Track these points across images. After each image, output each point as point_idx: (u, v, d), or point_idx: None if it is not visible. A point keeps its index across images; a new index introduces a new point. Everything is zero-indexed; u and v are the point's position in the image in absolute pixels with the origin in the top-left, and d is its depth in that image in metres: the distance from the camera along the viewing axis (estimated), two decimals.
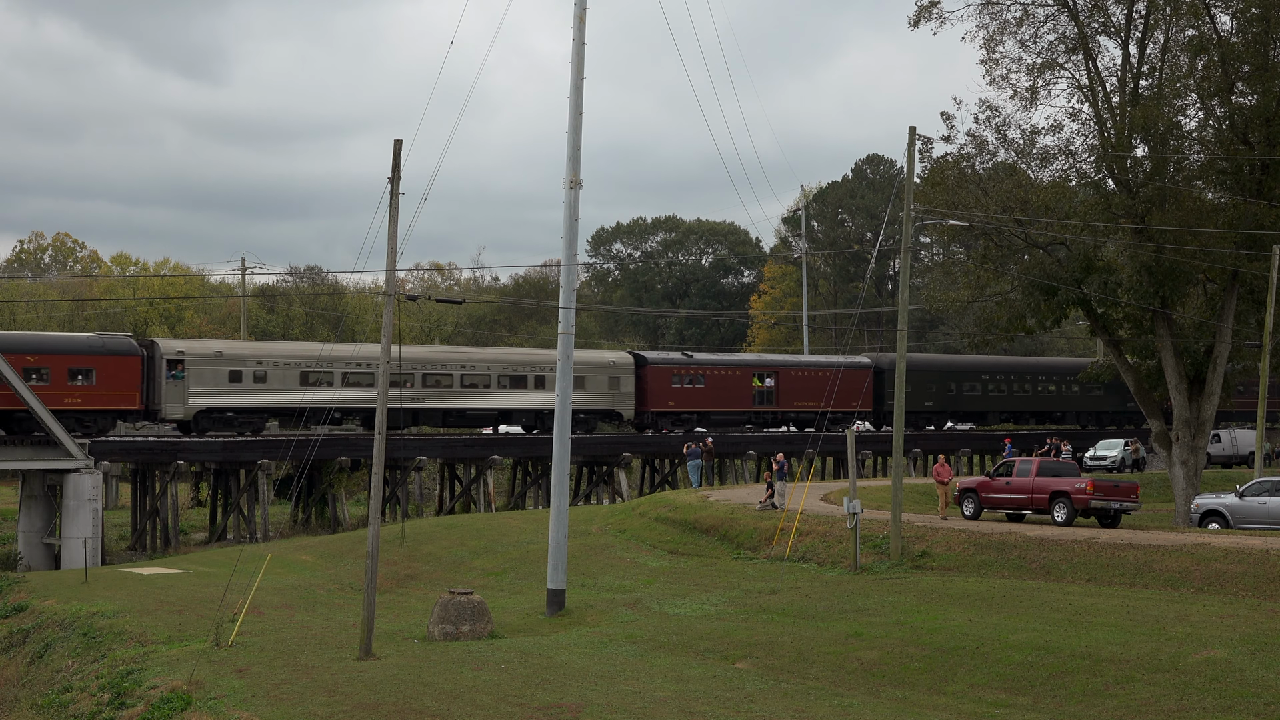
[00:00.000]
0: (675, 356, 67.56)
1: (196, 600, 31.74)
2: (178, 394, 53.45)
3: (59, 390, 50.15)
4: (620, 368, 63.40)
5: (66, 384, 50.50)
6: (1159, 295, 39.32)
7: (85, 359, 51.20)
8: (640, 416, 64.00)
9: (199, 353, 54.39)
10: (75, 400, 50.83)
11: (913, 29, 41.02)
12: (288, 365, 55.61)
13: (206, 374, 53.84)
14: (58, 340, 52.99)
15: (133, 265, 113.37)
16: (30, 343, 51.52)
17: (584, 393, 61.21)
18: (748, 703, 19.90)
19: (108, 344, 52.34)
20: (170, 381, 53.29)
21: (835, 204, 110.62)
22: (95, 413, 51.60)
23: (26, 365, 49.25)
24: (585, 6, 29.74)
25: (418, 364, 58.42)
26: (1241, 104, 38.47)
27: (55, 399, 49.68)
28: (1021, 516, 34.53)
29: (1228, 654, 20.05)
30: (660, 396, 63.82)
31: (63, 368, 50.62)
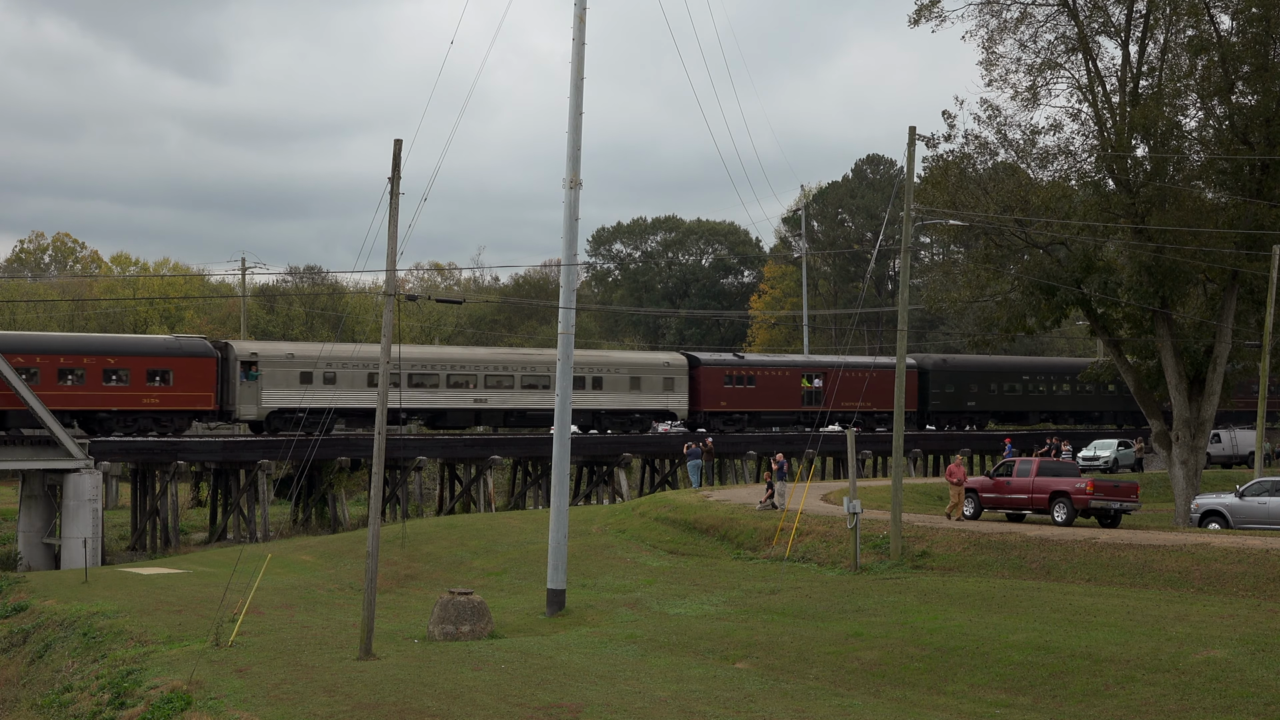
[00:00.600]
0: (727, 357, 68.87)
1: (196, 600, 31.75)
2: (251, 395, 54.99)
3: (138, 391, 51.92)
4: (674, 369, 64.97)
5: (145, 385, 52.12)
6: (1159, 295, 39.32)
7: (163, 361, 52.82)
8: (693, 416, 65.29)
9: (272, 355, 55.83)
10: (153, 401, 52.42)
11: (912, 27, 41.06)
12: (355, 367, 57.03)
13: (279, 375, 55.30)
14: (136, 342, 54.92)
15: (133, 265, 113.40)
16: (111, 345, 53.18)
17: (640, 393, 63.52)
18: (748, 703, 19.90)
19: (184, 346, 54.02)
20: (244, 383, 54.78)
21: (835, 204, 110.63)
22: (172, 413, 53.20)
23: (107, 367, 51.33)
24: (585, 6, 29.74)
25: (480, 366, 60.23)
26: (1241, 104, 38.47)
27: (134, 399, 51.66)
28: (1021, 516, 34.53)
29: (1228, 654, 20.04)
30: (713, 397, 65.22)
31: (141, 369, 52.16)
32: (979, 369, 73.53)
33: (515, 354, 63.49)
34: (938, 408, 72.06)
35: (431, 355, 59.94)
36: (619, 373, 63.76)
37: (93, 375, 51.32)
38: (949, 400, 72.11)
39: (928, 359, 72.03)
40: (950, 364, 72.83)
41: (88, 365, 50.99)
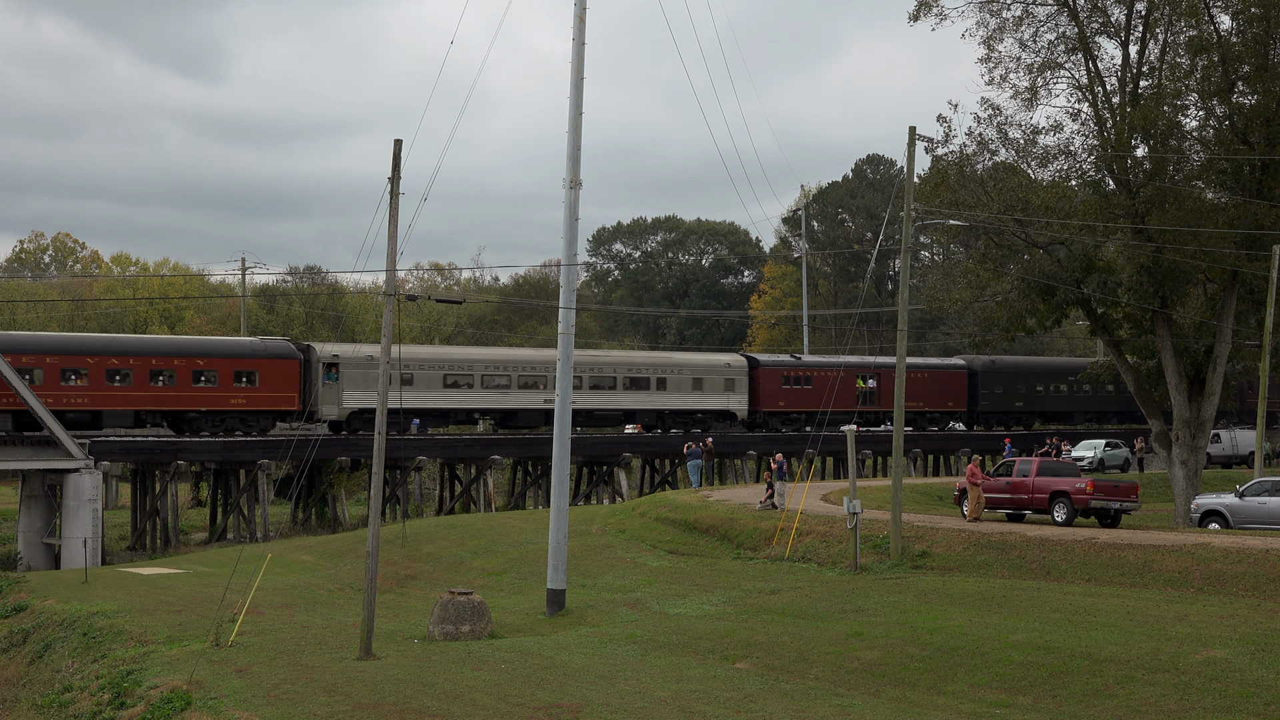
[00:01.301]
0: (785, 359, 70.19)
1: (196, 600, 31.75)
2: (333, 396, 56.26)
3: (225, 392, 53.50)
4: (735, 370, 66.35)
5: (232, 386, 53.67)
6: (1159, 295, 39.32)
7: (248, 363, 54.25)
8: (753, 416, 66.63)
9: (352, 356, 56.89)
10: (240, 402, 53.92)
11: (912, 24, 41.04)
12: (432, 368, 58.44)
13: (359, 377, 56.22)
14: (224, 345, 56.18)
15: (133, 265, 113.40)
16: (200, 347, 54.76)
17: (702, 394, 65.06)
18: (748, 703, 19.90)
19: (269, 348, 55.27)
20: (326, 384, 56.06)
21: (835, 204, 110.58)
22: (258, 413, 54.59)
23: (196, 369, 52.94)
24: (585, 6, 29.73)
25: (549, 367, 60.27)
26: (1241, 104, 38.47)
27: (222, 400, 53.21)
28: (1021, 516, 34.52)
29: (1228, 654, 20.04)
30: (772, 397, 66.61)
31: (229, 371, 53.71)
32: (1027, 370, 74.69)
33: (583, 355, 64.60)
34: (986, 408, 73.35)
35: (503, 357, 61.29)
36: (682, 374, 65.21)
37: (183, 377, 52.80)
38: (998, 401, 73.36)
39: (977, 360, 72.96)
40: (999, 365, 73.87)
41: (178, 367, 52.71)
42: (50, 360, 49.93)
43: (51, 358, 50.10)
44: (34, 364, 49.70)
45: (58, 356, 50.38)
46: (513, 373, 60.48)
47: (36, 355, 49.96)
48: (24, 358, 49.40)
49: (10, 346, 49.96)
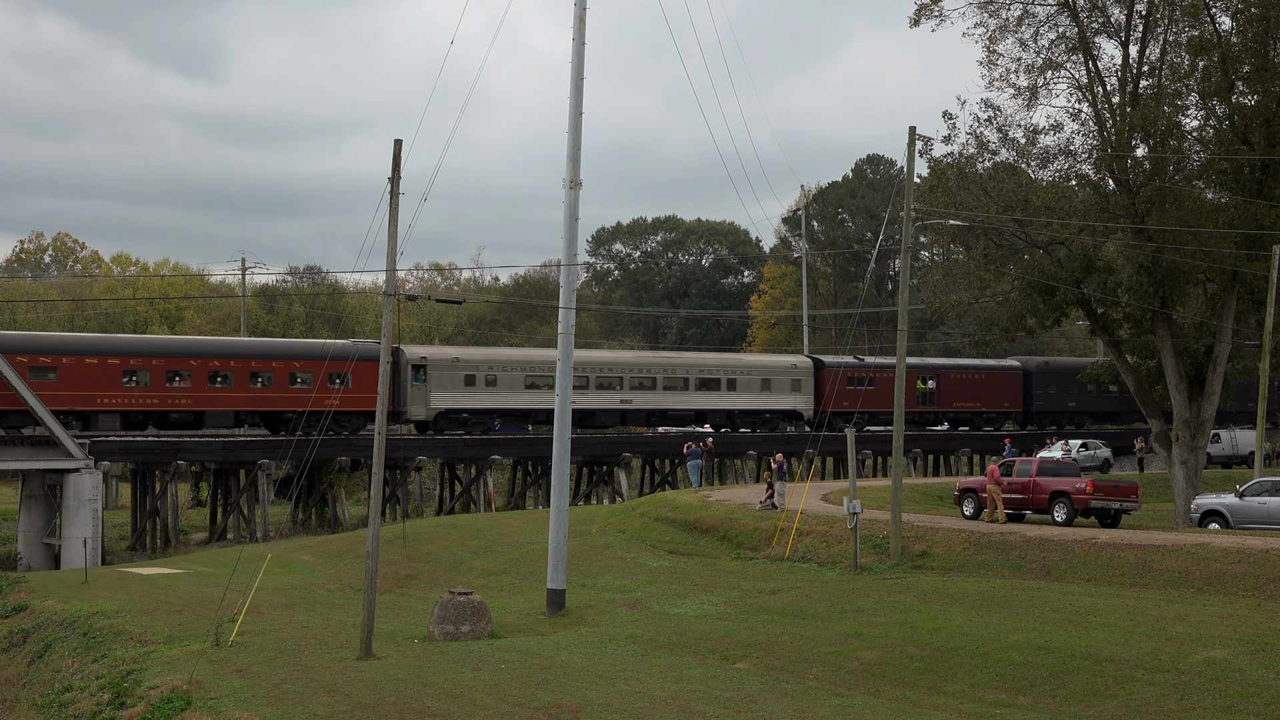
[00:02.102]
0: (849, 360, 71.28)
1: (196, 600, 31.75)
2: (421, 397, 57.78)
3: (321, 394, 54.50)
4: (801, 370, 67.89)
5: (327, 387, 54.94)
6: (1159, 295, 39.33)
7: (342, 365, 55.32)
8: (818, 416, 67.58)
9: (439, 358, 58.78)
10: (334, 403, 54.59)
11: (913, 27, 41.05)
12: (514, 370, 60.09)
13: (445, 378, 58.14)
14: (320, 347, 57.62)
15: (133, 265, 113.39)
16: (297, 350, 56.66)
17: (770, 394, 66.58)
18: (748, 703, 19.90)
19: (361, 350, 56.33)
20: (414, 385, 57.54)
21: (835, 204, 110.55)
22: (350, 414, 55.88)
23: (293, 370, 54.92)
24: (585, 6, 29.74)
25: (626, 368, 63.44)
26: (1242, 104, 38.47)
27: (317, 401, 53.71)
28: (1022, 516, 34.50)
29: (1228, 654, 20.04)
30: (836, 397, 67.32)
31: (325, 373, 55.27)
32: (1080, 371, 75.23)
33: (658, 357, 66.74)
34: (1040, 408, 74.17)
35: (581, 359, 62.07)
36: (751, 375, 66.69)
37: (280, 378, 54.53)
38: (1051, 401, 74.27)
39: (1031, 361, 74.45)
40: (1052, 366, 75.14)
41: (275, 369, 54.55)
42: (156, 363, 51.84)
43: (157, 360, 52.06)
44: (140, 366, 51.74)
45: (163, 359, 52.39)
46: (590, 374, 62.04)
47: (143, 358, 51.94)
48: (130, 360, 51.62)
49: (118, 349, 52.33)
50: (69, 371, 50.46)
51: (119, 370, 51.25)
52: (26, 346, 50.77)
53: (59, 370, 50.33)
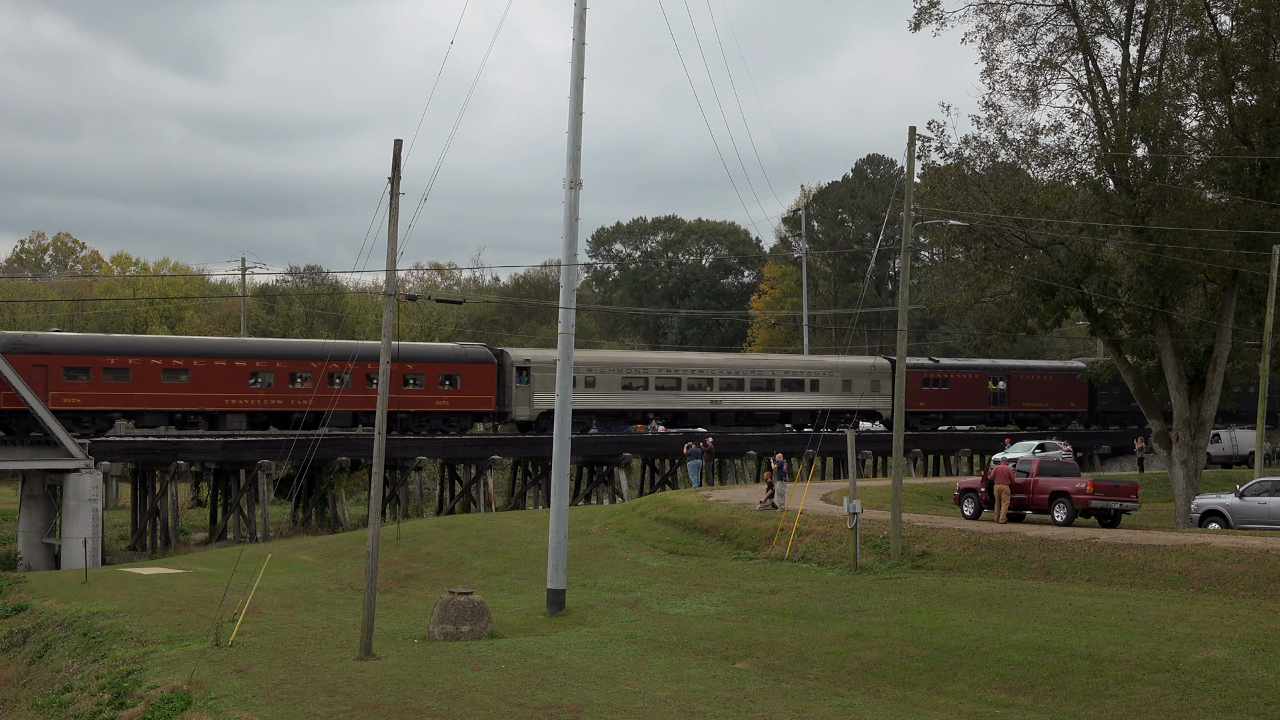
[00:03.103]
0: (924, 361, 72.63)
1: (196, 600, 31.74)
2: (524, 398, 59.95)
3: (431, 394, 57.43)
4: (879, 371, 69.85)
5: (438, 389, 57.55)
6: (1159, 295, 39.33)
7: (451, 367, 58.18)
8: None
9: (542, 360, 59.91)
10: (444, 403, 57.69)
11: (913, 31, 41.01)
12: (611, 371, 62.55)
13: (548, 379, 58.20)
14: (430, 350, 60.21)
15: (133, 265, 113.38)
16: (410, 352, 57.89)
17: (850, 395, 68.74)
18: (748, 703, 19.90)
19: (469, 353, 59.49)
20: (519, 386, 59.81)
21: (835, 204, 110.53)
22: (459, 414, 58.22)
23: (406, 372, 56.44)
24: (585, 6, 29.73)
25: (716, 370, 65.73)
26: (1241, 104, 38.48)
27: (428, 402, 57.24)
28: (1022, 516, 34.50)
29: (1228, 654, 20.04)
30: (913, 397, 68.83)
31: (435, 375, 57.65)
32: None
33: (744, 359, 69.41)
34: (1105, 408, 75.35)
35: (674, 361, 65.07)
36: (833, 376, 68.89)
37: (395, 380, 54.84)
38: (1115, 401, 75.27)
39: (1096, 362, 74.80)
40: None
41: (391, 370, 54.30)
42: (280, 365, 54.18)
43: (281, 362, 54.50)
44: (265, 368, 54.29)
45: (286, 361, 54.90)
46: (683, 375, 64.14)
47: (268, 360, 54.39)
48: (258, 362, 54.34)
49: (246, 352, 54.79)
50: (199, 374, 52.92)
51: (245, 372, 53.68)
52: (160, 350, 53.52)
53: (190, 372, 52.78)
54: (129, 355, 52.19)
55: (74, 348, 51.79)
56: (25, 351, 50.12)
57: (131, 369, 51.52)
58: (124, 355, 52.10)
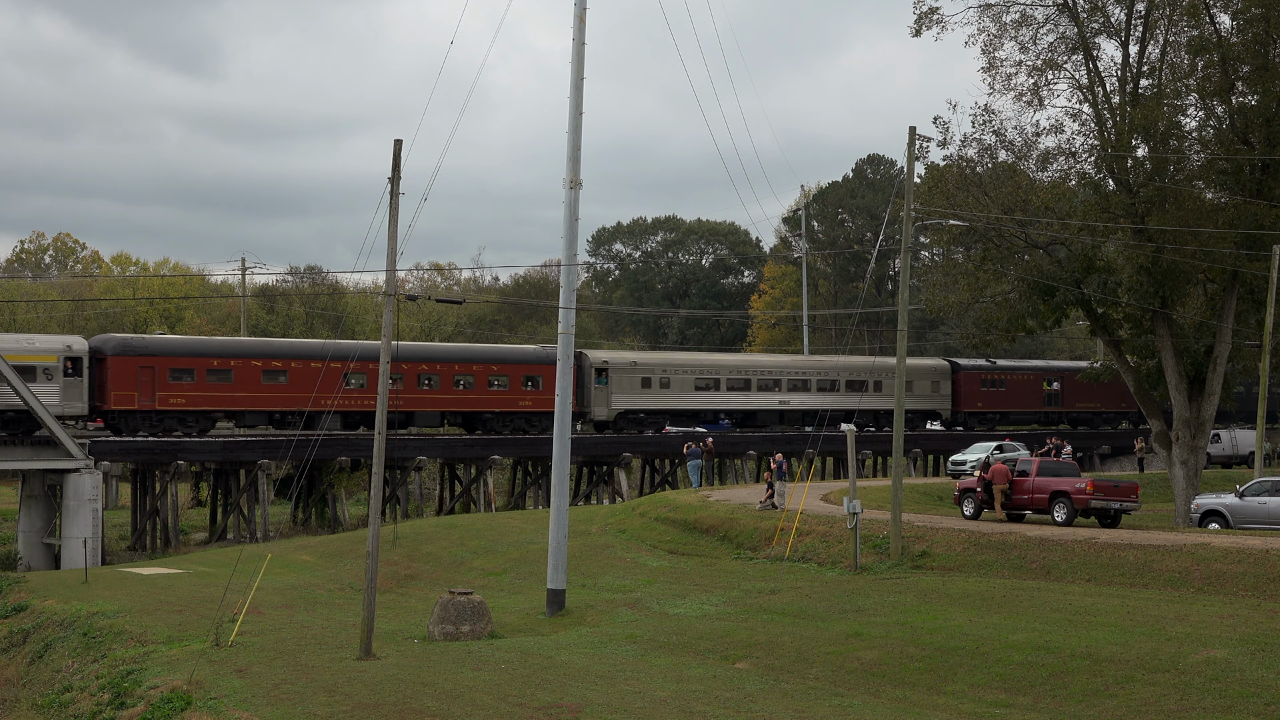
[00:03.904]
0: (982, 363, 74.36)
1: (196, 600, 31.74)
2: (603, 398, 62.03)
3: (515, 395, 59.33)
4: (939, 373, 72.31)
5: (520, 390, 59.44)
6: (1159, 295, 39.34)
7: (533, 368, 59.92)
8: (955, 415, 71.81)
9: (619, 362, 63.07)
10: (527, 404, 59.46)
11: (915, 37, 40.92)
12: (685, 373, 64.42)
13: (624, 380, 62.49)
14: (513, 352, 62.36)
15: (133, 265, 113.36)
16: (494, 354, 60.77)
17: (913, 395, 70.05)
18: (748, 703, 19.90)
19: (550, 354, 58.74)
20: (597, 387, 61.88)
21: (835, 204, 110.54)
22: (541, 415, 59.44)
23: (491, 374, 58.77)
24: (585, 6, 29.74)
25: (784, 371, 67.95)
26: (1242, 104, 38.49)
27: (512, 403, 59.16)
28: (1021, 516, 34.52)
29: (1228, 654, 20.04)
30: (971, 398, 72.07)
31: (518, 376, 59.59)
32: None
33: (811, 361, 70.71)
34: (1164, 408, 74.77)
35: (745, 363, 67.28)
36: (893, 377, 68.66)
37: (480, 381, 58.08)
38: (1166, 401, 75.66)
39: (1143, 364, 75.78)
40: None
41: (476, 372, 58.25)
42: (373, 366, 54.15)
43: (374, 364, 53.81)
44: (358, 369, 55.77)
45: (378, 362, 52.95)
46: (752, 376, 65.92)
47: (361, 362, 55.47)
48: (351, 364, 55.61)
49: (341, 354, 56.00)
50: (297, 375, 54.59)
51: (339, 374, 55.00)
52: (261, 352, 55.36)
53: (288, 374, 54.51)
54: (231, 357, 54.02)
55: (180, 350, 53.91)
56: (134, 354, 52.16)
57: (233, 370, 53.33)
58: (226, 357, 53.95)
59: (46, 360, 50.12)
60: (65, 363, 50.34)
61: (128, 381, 51.59)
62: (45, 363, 49.97)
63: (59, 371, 50.18)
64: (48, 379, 49.78)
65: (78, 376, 50.67)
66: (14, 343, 51.54)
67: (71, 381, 50.41)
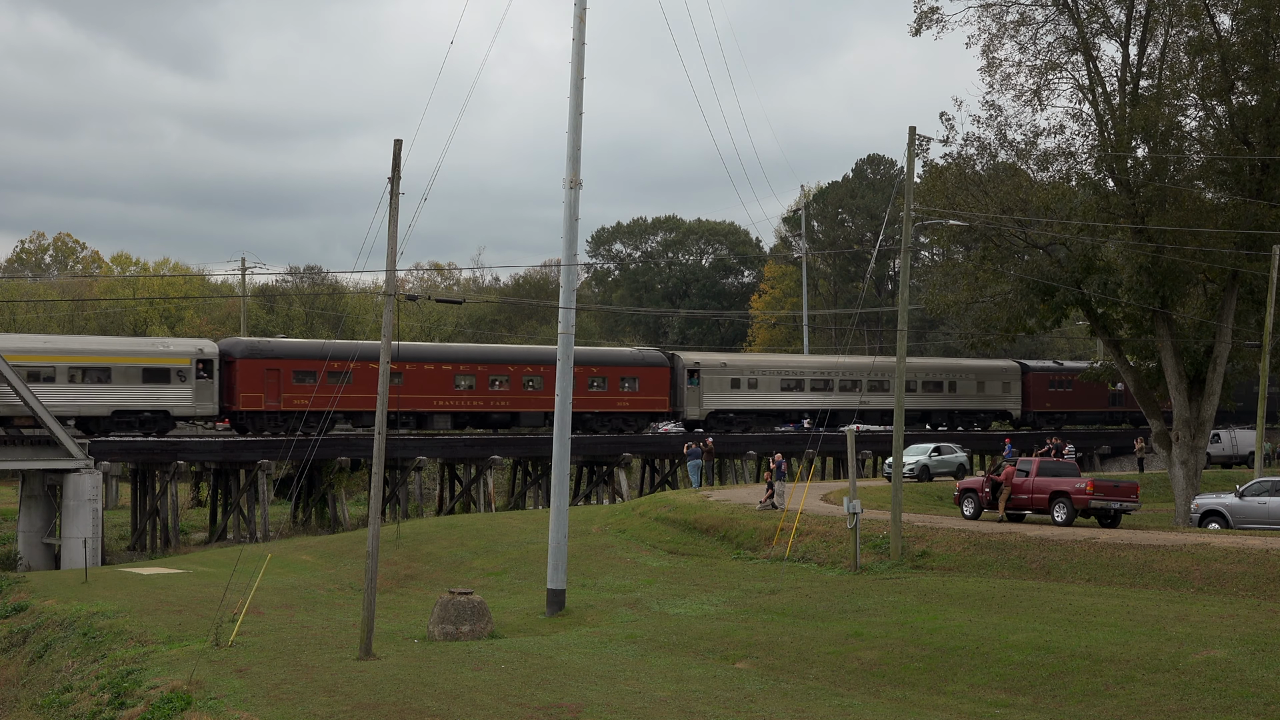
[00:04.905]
0: (1050, 365, 76.97)
1: (196, 600, 31.74)
2: (694, 398, 64.14)
3: (613, 395, 61.44)
4: (1010, 374, 74.55)
5: (618, 390, 61.54)
6: (1159, 295, 39.34)
7: (630, 370, 62.31)
8: (1024, 415, 74.67)
9: (710, 363, 65.50)
10: (624, 404, 61.54)
11: (915, 36, 40.96)
12: (771, 374, 66.66)
13: (715, 381, 64.67)
14: (611, 354, 64.77)
15: (133, 265, 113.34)
16: (594, 357, 62.45)
17: (984, 396, 73.14)
18: (748, 703, 19.90)
19: (646, 357, 64.11)
20: (689, 388, 64.13)
21: (835, 204, 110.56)
22: (637, 414, 61.98)
23: (590, 375, 60.62)
24: (585, 6, 29.73)
25: (864, 372, 70.10)
26: (1242, 104, 38.49)
27: (610, 403, 61.25)
28: (1021, 516, 34.53)
29: (1228, 654, 20.04)
30: (1040, 399, 74.20)
31: (616, 377, 61.79)
32: None
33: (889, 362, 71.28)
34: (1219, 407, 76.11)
35: (827, 364, 69.06)
36: (968, 378, 73.34)
37: (580, 382, 59.29)
38: None
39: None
40: None
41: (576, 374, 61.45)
42: (481, 368, 57.73)
43: (482, 366, 58.17)
44: (468, 371, 58.07)
45: (487, 365, 58.65)
46: (833, 377, 68.18)
47: (470, 364, 58.11)
48: (461, 366, 57.97)
49: (451, 356, 58.55)
50: (412, 377, 56.31)
51: (451, 375, 56.92)
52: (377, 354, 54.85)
53: (404, 376, 55.91)
54: (349, 360, 55.19)
55: (303, 353, 55.58)
56: (261, 356, 53.76)
57: (352, 372, 54.47)
58: (346, 359, 55.13)
59: (180, 363, 52.09)
60: (197, 365, 52.51)
61: (255, 383, 53.16)
62: (179, 365, 51.95)
63: (191, 374, 52.27)
64: (181, 381, 51.80)
65: (209, 379, 52.78)
66: (149, 346, 54.05)
67: (203, 383, 52.61)
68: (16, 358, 48.91)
